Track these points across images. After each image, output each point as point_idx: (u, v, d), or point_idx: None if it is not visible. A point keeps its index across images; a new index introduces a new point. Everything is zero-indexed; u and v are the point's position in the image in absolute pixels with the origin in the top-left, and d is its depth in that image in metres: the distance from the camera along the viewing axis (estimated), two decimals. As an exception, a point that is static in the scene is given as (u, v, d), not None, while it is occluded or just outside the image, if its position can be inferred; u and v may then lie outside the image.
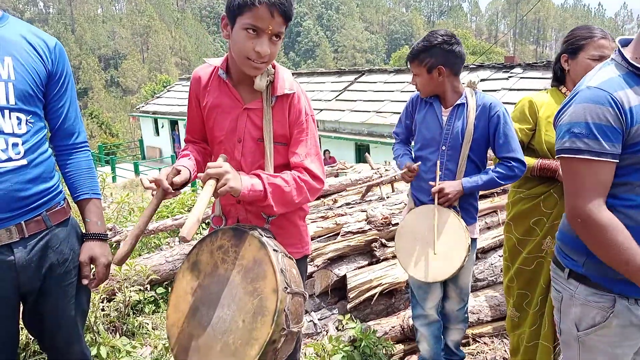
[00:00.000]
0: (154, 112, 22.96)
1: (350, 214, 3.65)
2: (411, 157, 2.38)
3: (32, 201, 1.52)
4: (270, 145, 1.60)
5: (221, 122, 1.63)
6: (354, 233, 3.22)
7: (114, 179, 14.99)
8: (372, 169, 4.36)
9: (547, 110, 2.27)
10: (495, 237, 3.56)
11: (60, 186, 1.68)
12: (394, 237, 3.19)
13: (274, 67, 1.62)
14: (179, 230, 4.40)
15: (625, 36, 1.49)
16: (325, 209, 3.91)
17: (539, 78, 12.47)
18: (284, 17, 1.46)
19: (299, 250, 1.75)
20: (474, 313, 3.02)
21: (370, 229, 3.28)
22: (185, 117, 1.82)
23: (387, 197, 4.18)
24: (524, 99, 2.39)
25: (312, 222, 3.53)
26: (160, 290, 3.37)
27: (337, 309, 3.04)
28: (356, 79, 17.82)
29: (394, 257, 3.22)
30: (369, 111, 14.78)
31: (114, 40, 76.96)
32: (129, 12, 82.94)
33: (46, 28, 71.82)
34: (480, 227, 3.72)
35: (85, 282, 1.67)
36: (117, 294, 2.96)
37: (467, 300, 2.47)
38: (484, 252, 3.59)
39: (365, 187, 4.23)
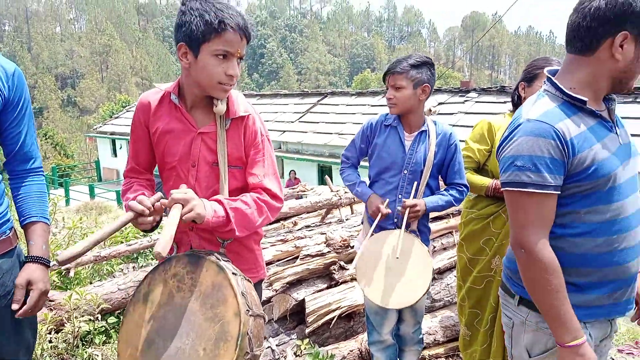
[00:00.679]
0: (112, 133, 22.44)
1: (310, 237, 3.64)
2: (366, 184, 2.41)
3: None
4: (225, 168, 1.59)
5: (173, 147, 1.61)
6: (312, 256, 3.21)
7: (67, 202, 14.41)
8: (331, 191, 4.39)
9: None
10: (451, 258, 3.63)
11: (9, 214, 1.61)
12: (352, 260, 3.22)
13: None
14: (134, 255, 4.28)
15: (553, 67, 1.55)
16: (285, 232, 3.90)
17: (493, 102, 12.98)
18: (247, 39, 1.51)
19: (255, 275, 1.74)
20: (431, 334, 3.06)
21: (329, 251, 3.28)
22: None
23: (347, 219, 4.21)
24: (483, 121, 2.50)
25: (272, 246, 3.50)
26: (112, 319, 3.24)
27: (295, 334, 3.01)
28: (319, 100, 18.03)
29: (352, 279, 3.24)
30: (331, 133, 14.94)
31: (72, 59, 75.14)
32: (88, 31, 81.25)
33: (1, 46, 69.50)
34: (436, 248, 3.80)
35: (15, 306, 1.53)
36: (65, 324, 2.84)
37: (421, 322, 2.50)
38: (440, 273, 3.66)
39: (325, 210, 4.26)
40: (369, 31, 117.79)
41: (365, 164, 2.44)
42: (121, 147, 21.99)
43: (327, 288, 3.20)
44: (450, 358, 3.00)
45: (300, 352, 2.85)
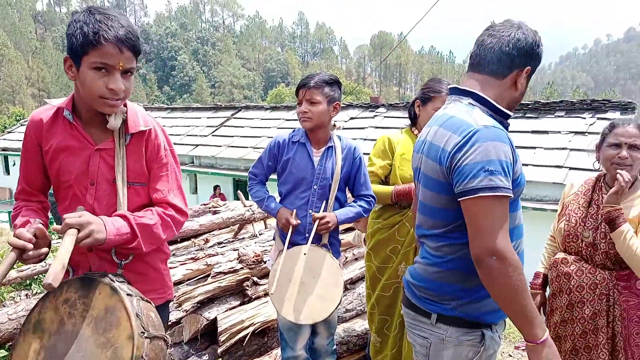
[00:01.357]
0: (4, 149, 20.46)
1: (222, 254, 3.57)
2: (274, 199, 2.42)
3: None
4: (123, 186, 1.53)
5: (69, 166, 1.53)
6: (225, 273, 3.15)
7: (-50, 226, 12.87)
8: (244, 206, 4.35)
9: (402, 148, 2.54)
10: (362, 268, 3.73)
11: None
12: (266, 275, 3.20)
13: (125, 105, 1.57)
14: (26, 282, 3.91)
15: (456, 85, 1.65)
16: (196, 250, 3.79)
17: (401, 117, 13.64)
18: (132, 52, 1.45)
19: (162, 295, 1.68)
20: (344, 344, 3.12)
21: (242, 267, 3.24)
22: None
23: (260, 234, 4.18)
24: (383, 137, 2.63)
25: (182, 265, 3.39)
26: (2, 352, 2.93)
27: (207, 355, 2.91)
28: (233, 114, 17.82)
29: (266, 294, 3.21)
30: (247, 147, 14.80)
31: (-43, 69, 67.64)
32: (-25, 38, 73.82)
33: None
34: (348, 259, 3.90)
35: None
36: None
37: (334, 333, 2.54)
38: (352, 283, 3.75)
39: (238, 225, 4.20)
40: (282, 46, 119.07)
41: (275, 177, 2.45)
42: (14, 164, 20.09)
43: (241, 305, 3.14)
44: (362, 366, 3.07)
45: (213, 373, 2.76)
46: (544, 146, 9.99)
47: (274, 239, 2.57)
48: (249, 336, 2.91)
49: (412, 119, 2.64)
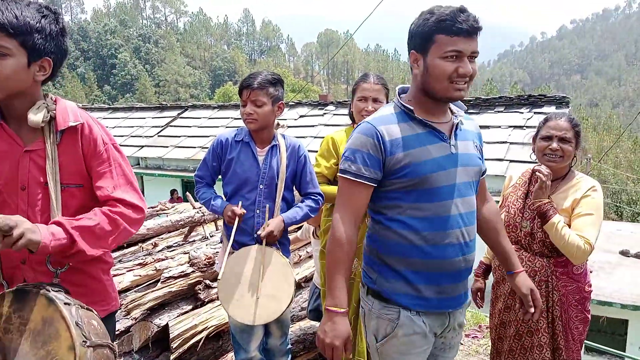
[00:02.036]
0: None
1: (172, 258, 3.48)
2: (221, 198, 2.38)
3: None
4: (56, 188, 1.44)
5: None
6: (175, 278, 3.07)
7: None
8: (194, 208, 4.25)
9: (345, 146, 2.57)
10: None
11: None
12: (217, 278, 3.14)
13: (56, 102, 1.48)
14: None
15: (405, 85, 1.75)
16: (144, 255, 3.67)
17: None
18: (15, 37, 1.32)
19: (105, 307, 1.60)
20: (299, 342, 3.12)
21: (193, 271, 3.17)
22: None
23: (211, 236, 4.10)
24: (327, 137, 2.65)
25: (129, 271, 3.27)
26: None
27: (159, 362, 2.84)
28: (179, 114, 17.37)
29: (218, 297, 3.16)
30: (195, 147, 14.48)
31: None
32: None
33: None
34: (302, 257, 3.90)
35: None
36: None
37: (288, 332, 2.54)
38: (307, 281, 3.76)
39: (187, 228, 4.10)
40: (228, 44, 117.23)
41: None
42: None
43: (193, 309, 3.08)
44: (318, 363, 3.09)
45: (166, 381, 2.69)
46: (486, 140, 10.39)
47: (221, 241, 2.53)
48: (202, 341, 2.86)
49: (351, 117, 2.68)
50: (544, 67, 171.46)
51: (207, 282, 3.20)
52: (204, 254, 3.25)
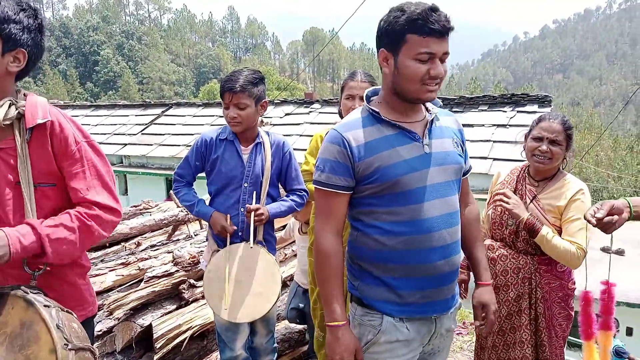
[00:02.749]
0: None
1: (156, 257, 3.44)
2: (204, 202, 2.36)
3: None
4: (29, 188, 1.40)
5: None
6: (159, 277, 3.04)
7: None
8: (178, 206, 4.21)
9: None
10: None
11: None
12: (203, 277, 3.12)
13: (25, 97, 1.44)
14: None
15: (377, 87, 1.71)
16: (127, 254, 3.62)
17: (336, 113, 13.76)
18: None
19: (81, 313, 1.55)
20: (285, 340, 3.11)
21: (177, 270, 3.14)
22: None
23: (195, 235, 4.07)
24: (316, 135, 2.63)
25: (111, 271, 3.23)
26: None
27: (143, 363, 2.80)
28: (163, 112, 17.17)
29: (204, 296, 3.13)
30: (179, 145, 14.33)
31: None
32: None
33: None
34: (287, 255, 3.89)
35: None
36: None
37: (274, 331, 2.52)
38: (293, 279, 3.74)
39: (171, 227, 4.06)
40: (213, 41, 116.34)
41: (203, 176, 2.39)
42: None
43: (177, 309, 3.05)
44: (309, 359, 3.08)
45: (150, 382, 2.66)
46: (470, 139, 10.49)
47: (206, 239, 2.51)
48: (187, 340, 2.83)
49: (340, 115, 2.67)
50: (526, 67, 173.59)
51: (192, 281, 3.17)
52: (188, 253, 3.22)
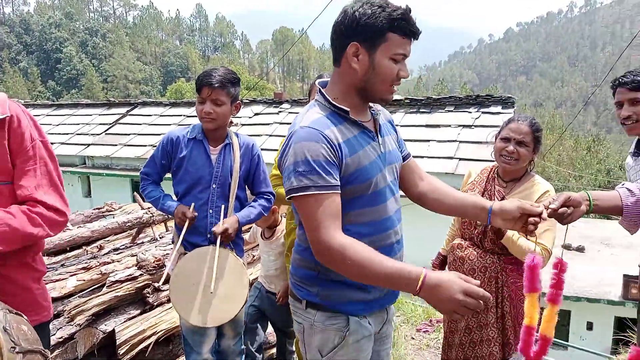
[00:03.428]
0: None
1: (119, 261, 3.34)
2: (171, 197, 2.31)
3: None
4: None
5: None
6: (122, 281, 2.94)
7: None
8: (142, 208, 4.10)
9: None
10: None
11: None
12: (168, 280, 3.05)
13: None
14: None
15: (324, 78, 1.67)
16: (88, 258, 3.50)
17: (305, 112, 13.78)
18: None
19: (35, 318, 1.50)
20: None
21: (141, 274, 3.05)
22: None
23: (161, 237, 3.97)
24: (285, 138, 2.60)
25: (72, 276, 3.11)
26: None
27: (105, 370, 2.72)
28: (128, 111, 16.79)
29: (169, 300, 3.06)
30: (145, 145, 14.04)
31: None
32: None
33: None
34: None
35: None
36: None
37: (242, 332, 2.50)
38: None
39: (135, 229, 3.96)
40: (180, 39, 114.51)
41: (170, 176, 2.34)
42: None
43: (142, 313, 2.96)
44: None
45: (112, 390, 2.58)
46: (437, 139, 10.67)
47: (173, 242, 2.46)
48: (152, 346, 2.76)
49: None
50: (491, 68, 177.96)
51: (156, 284, 3.09)
52: (153, 256, 3.14)
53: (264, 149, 2.48)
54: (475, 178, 2.51)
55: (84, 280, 3.04)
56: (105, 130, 15.53)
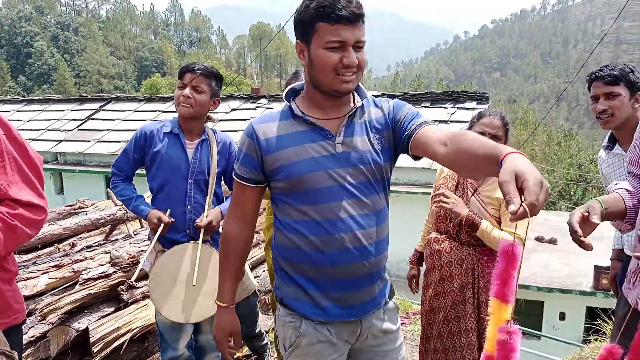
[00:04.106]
0: None
1: (92, 258, 3.27)
2: (143, 199, 2.27)
3: None
4: None
5: None
6: (95, 279, 2.88)
7: None
8: (115, 205, 4.02)
9: None
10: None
11: None
12: (143, 277, 3.00)
13: None
14: None
15: (300, 75, 1.69)
16: (61, 256, 3.42)
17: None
18: None
19: (5, 321, 1.45)
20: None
21: (115, 271, 2.99)
22: None
23: (135, 234, 3.91)
24: None
25: (44, 274, 3.04)
26: None
27: (79, 369, 2.66)
28: (101, 106, 16.44)
29: (143, 298, 3.02)
30: (119, 141, 13.79)
31: None
32: None
33: None
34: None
35: None
36: None
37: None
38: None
39: (109, 226, 3.88)
40: (155, 34, 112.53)
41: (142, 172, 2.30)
42: None
43: (116, 311, 2.91)
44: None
45: (86, 389, 2.53)
46: (414, 134, 10.74)
47: (149, 238, 2.42)
48: (126, 343, 2.72)
49: None
50: (467, 65, 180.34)
51: (131, 282, 3.04)
52: (127, 253, 3.09)
53: (241, 144, 2.44)
54: (448, 173, 2.54)
55: (56, 278, 2.97)
56: (78, 126, 15.19)
